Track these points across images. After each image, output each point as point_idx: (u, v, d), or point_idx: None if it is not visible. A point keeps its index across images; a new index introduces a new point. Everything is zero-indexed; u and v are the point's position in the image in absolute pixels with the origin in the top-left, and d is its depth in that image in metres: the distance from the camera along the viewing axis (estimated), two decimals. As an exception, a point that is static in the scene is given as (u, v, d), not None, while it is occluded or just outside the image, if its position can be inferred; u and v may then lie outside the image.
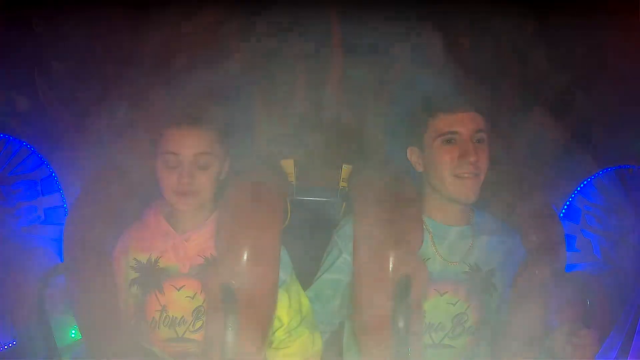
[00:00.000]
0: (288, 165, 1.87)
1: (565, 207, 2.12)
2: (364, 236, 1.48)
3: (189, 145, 1.44)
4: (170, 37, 2.13)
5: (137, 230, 1.55)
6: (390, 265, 1.42)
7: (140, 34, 2.08)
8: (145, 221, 1.55)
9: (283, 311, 1.49)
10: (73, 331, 1.92)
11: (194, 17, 2.12)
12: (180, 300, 1.47)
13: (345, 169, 1.91)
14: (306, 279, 1.60)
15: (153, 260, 1.50)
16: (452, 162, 1.44)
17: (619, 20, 1.99)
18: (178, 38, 2.14)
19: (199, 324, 1.46)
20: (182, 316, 1.47)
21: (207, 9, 2.13)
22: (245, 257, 1.40)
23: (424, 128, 1.49)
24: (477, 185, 1.45)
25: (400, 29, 2.08)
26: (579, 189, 2.11)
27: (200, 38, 2.13)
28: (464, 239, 1.52)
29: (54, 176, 2.23)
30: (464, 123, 1.44)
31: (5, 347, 2.13)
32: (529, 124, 2.09)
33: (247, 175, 1.56)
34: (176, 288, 1.48)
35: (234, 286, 1.39)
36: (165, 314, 1.47)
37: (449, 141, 1.45)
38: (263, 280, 1.42)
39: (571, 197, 2.12)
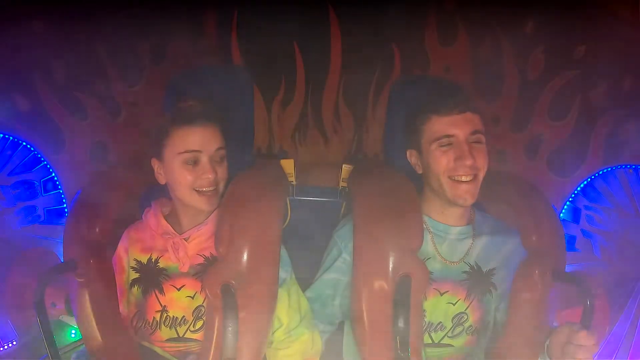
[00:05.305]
0: (288, 165, 1.87)
1: (565, 207, 2.13)
2: (364, 236, 1.47)
3: (210, 142, 1.45)
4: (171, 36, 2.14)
5: (137, 230, 1.55)
6: (390, 265, 1.41)
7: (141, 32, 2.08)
8: (145, 221, 1.55)
9: (283, 311, 1.50)
10: (73, 331, 1.92)
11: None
12: (181, 300, 1.47)
13: (345, 169, 1.90)
14: (306, 278, 1.60)
15: (153, 260, 1.50)
16: (449, 165, 1.43)
17: (619, 18, 1.99)
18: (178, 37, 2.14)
19: (199, 323, 1.46)
20: (183, 316, 1.47)
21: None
22: (245, 256, 1.40)
23: (421, 132, 1.48)
24: (475, 188, 1.44)
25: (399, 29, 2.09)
26: (579, 189, 2.11)
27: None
28: (465, 239, 1.52)
29: (54, 176, 2.23)
30: (459, 125, 1.43)
31: (5, 347, 2.14)
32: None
33: (247, 175, 1.55)
34: (176, 288, 1.48)
35: (234, 286, 1.39)
36: (165, 314, 1.47)
37: (444, 144, 1.44)
38: (263, 280, 1.42)
39: (571, 197, 2.12)
